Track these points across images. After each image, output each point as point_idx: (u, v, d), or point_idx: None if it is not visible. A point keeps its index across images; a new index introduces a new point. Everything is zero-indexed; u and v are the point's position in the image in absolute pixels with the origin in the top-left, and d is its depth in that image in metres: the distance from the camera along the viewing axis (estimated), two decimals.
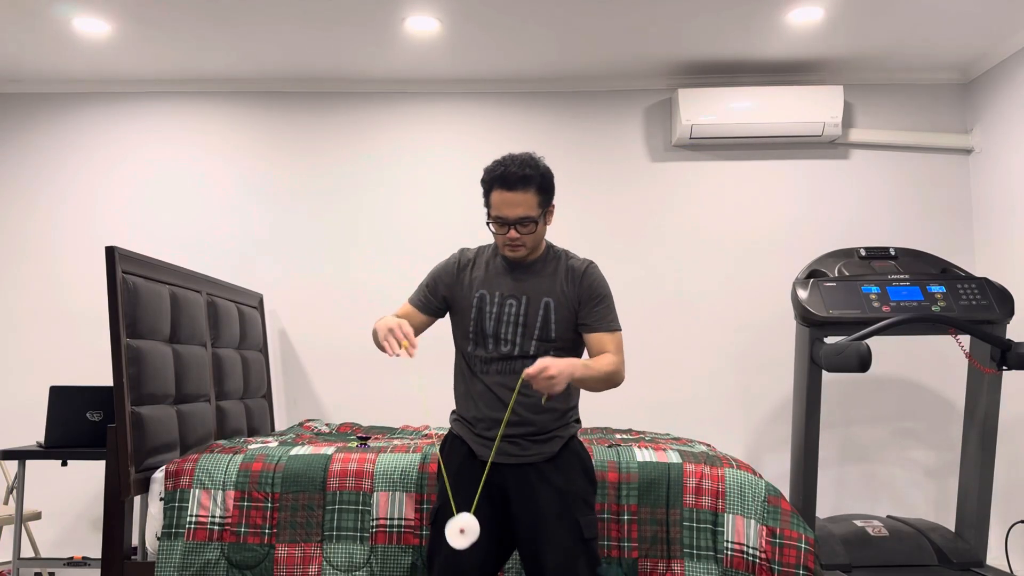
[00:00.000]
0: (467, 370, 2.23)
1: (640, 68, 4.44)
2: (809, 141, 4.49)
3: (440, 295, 2.27)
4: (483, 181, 2.16)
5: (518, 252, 2.16)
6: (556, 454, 2.15)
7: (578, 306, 2.18)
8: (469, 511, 2.06)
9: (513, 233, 2.12)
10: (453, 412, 2.30)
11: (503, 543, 2.18)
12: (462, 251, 2.28)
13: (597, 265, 2.25)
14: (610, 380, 2.09)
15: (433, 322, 2.30)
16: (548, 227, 2.21)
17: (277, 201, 4.56)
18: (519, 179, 2.08)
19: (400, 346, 2.00)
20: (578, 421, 2.27)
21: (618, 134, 4.58)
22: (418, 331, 2.20)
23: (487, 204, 2.16)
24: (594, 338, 2.16)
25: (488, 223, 2.16)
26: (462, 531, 1.98)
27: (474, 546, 2.02)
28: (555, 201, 2.22)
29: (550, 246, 2.26)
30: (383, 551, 2.66)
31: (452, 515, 1.98)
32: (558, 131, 4.59)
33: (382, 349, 2.01)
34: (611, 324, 2.18)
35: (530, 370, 1.91)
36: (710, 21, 3.87)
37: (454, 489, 2.13)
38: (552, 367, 1.91)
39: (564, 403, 2.20)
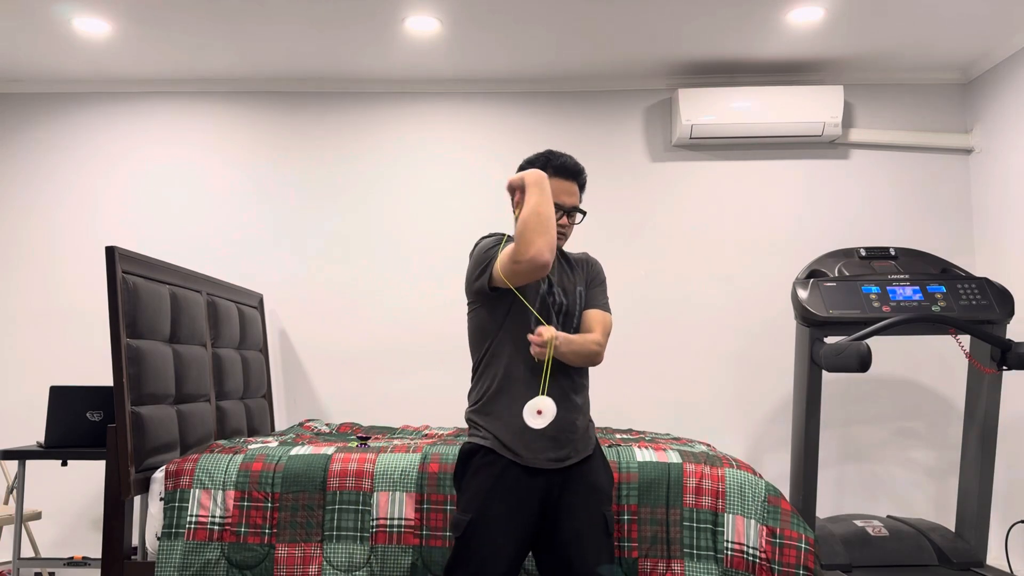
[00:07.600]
0: (518, 364, 2.11)
1: (640, 68, 4.44)
2: (809, 141, 4.49)
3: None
4: (539, 167, 2.14)
5: (560, 241, 2.21)
6: (592, 452, 2.16)
7: (585, 288, 2.24)
8: (512, 520, 2.02)
9: (565, 220, 2.17)
10: (477, 417, 2.14)
11: (528, 548, 2.10)
12: (508, 237, 2.17)
13: None
14: (589, 359, 2.12)
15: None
16: None
17: (277, 201, 4.56)
18: (577, 171, 2.17)
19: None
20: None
21: (618, 134, 4.58)
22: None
23: None
24: (591, 314, 2.21)
25: None
26: (539, 412, 1.97)
27: (504, 554, 1.98)
28: None
29: None
30: (383, 551, 2.66)
31: (486, 532, 1.96)
32: (558, 131, 4.59)
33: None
34: (607, 305, 2.26)
35: (544, 333, 1.99)
36: (710, 21, 3.87)
37: (496, 497, 2.03)
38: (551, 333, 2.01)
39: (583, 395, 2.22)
